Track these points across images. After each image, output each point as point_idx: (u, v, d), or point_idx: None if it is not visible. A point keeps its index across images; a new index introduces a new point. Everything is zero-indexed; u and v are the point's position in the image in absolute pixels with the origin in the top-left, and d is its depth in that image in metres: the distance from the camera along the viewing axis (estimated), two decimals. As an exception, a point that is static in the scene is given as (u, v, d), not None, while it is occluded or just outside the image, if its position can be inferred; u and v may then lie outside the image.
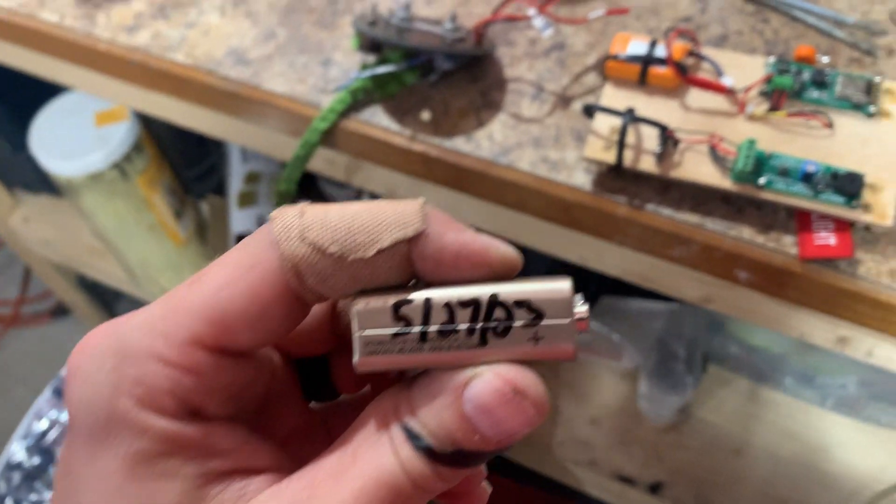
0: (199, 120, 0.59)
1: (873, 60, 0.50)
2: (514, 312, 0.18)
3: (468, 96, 0.51)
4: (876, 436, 0.88)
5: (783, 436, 0.91)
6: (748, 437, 0.90)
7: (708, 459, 0.89)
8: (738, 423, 0.91)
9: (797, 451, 0.90)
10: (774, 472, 0.89)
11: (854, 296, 0.43)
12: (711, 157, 0.44)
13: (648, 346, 0.80)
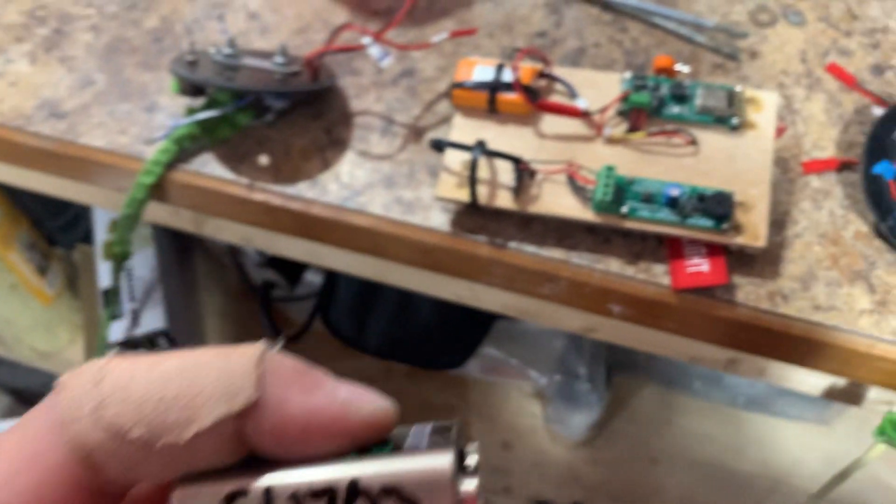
0: (21, 178, 0.52)
1: (737, 65, 0.47)
2: (378, 501, 0.15)
3: (311, 135, 0.46)
4: (788, 430, 0.88)
5: (697, 439, 0.89)
6: (663, 445, 0.89)
7: (625, 472, 0.87)
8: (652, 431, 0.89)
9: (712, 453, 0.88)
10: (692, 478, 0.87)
11: (734, 323, 0.40)
12: (571, 187, 0.40)
13: (550, 367, 0.77)
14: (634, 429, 0.89)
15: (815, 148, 0.44)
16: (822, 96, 0.46)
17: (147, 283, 0.81)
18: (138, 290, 0.80)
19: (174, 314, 0.81)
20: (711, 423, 0.89)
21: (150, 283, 0.81)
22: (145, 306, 0.79)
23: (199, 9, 0.52)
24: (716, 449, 0.88)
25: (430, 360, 0.73)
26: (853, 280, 0.40)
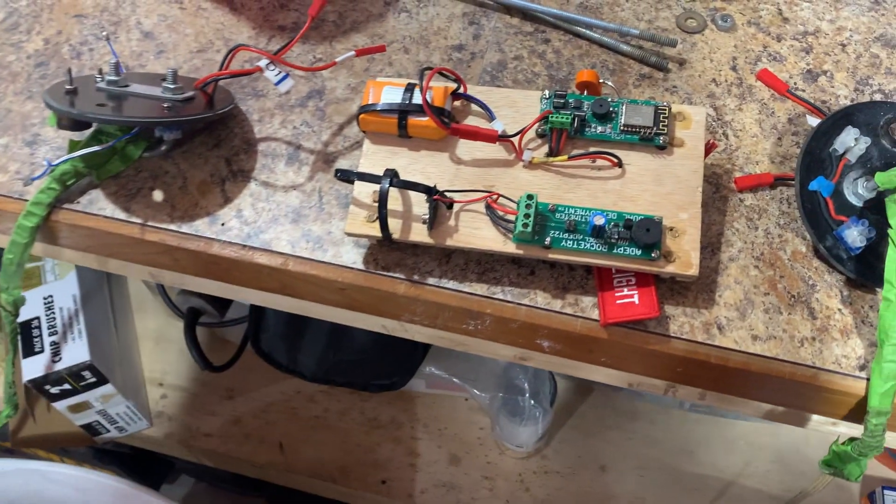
0: None
1: (665, 75, 0.44)
2: None
3: (210, 166, 0.42)
4: (737, 431, 0.86)
5: (646, 444, 0.87)
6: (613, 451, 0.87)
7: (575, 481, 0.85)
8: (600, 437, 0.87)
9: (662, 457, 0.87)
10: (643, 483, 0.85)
11: (669, 358, 0.37)
12: (490, 217, 0.37)
13: (493, 384, 0.74)
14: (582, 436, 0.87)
15: (748, 162, 0.41)
16: (755, 106, 0.43)
17: (68, 313, 0.77)
18: (59, 322, 0.75)
19: (99, 344, 0.76)
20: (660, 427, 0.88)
21: (72, 313, 0.77)
22: (67, 339, 0.75)
23: (87, 29, 0.47)
24: (665, 452, 0.87)
25: (370, 383, 0.70)
26: (793, 305, 0.37)
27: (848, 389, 0.36)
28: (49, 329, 0.75)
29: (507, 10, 0.47)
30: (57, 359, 0.73)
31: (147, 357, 0.90)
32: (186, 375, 0.89)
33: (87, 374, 0.74)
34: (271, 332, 0.68)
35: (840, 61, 0.45)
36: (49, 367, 0.73)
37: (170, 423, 0.87)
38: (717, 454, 0.87)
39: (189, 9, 0.48)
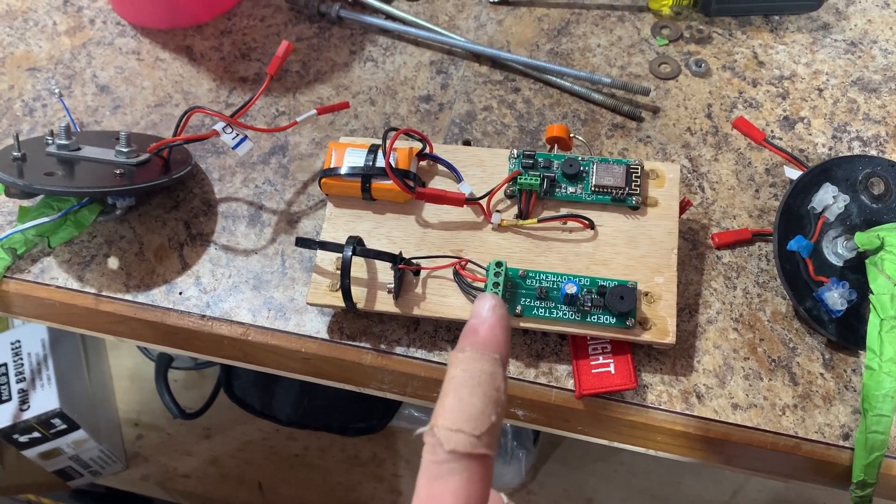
0: None
1: (637, 125, 0.43)
2: None
3: (167, 229, 0.41)
4: (724, 459, 0.85)
5: (633, 474, 0.86)
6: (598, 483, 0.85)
7: (561, 515, 0.84)
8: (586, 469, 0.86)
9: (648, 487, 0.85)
10: (629, 515, 0.84)
11: (648, 428, 0.36)
12: (458, 284, 0.36)
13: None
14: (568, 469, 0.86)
15: (725, 216, 0.40)
16: (731, 156, 0.42)
17: (37, 358, 0.74)
18: (27, 368, 0.73)
19: (70, 389, 0.74)
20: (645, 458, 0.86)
21: (41, 358, 0.74)
22: (35, 385, 0.73)
23: (41, 83, 0.45)
24: (652, 483, 0.86)
25: (348, 426, 0.68)
26: (773, 370, 0.36)
27: (832, 459, 0.34)
28: (17, 376, 0.73)
29: (476, 58, 0.45)
30: (25, 407, 0.71)
31: (122, 396, 0.88)
32: (162, 414, 0.87)
33: (58, 421, 0.72)
34: (243, 379, 0.67)
35: (817, 107, 0.43)
36: (17, 415, 0.71)
37: (146, 465, 0.84)
38: (705, 484, 0.86)
39: (147, 60, 0.46)
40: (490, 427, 0.22)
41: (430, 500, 0.22)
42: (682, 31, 0.46)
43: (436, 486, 0.22)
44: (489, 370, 0.23)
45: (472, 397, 0.23)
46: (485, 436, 0.22)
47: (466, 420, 0.22)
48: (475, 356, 0.23)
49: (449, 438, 0.22)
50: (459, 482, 0.22)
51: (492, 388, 0.23)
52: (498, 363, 0.23)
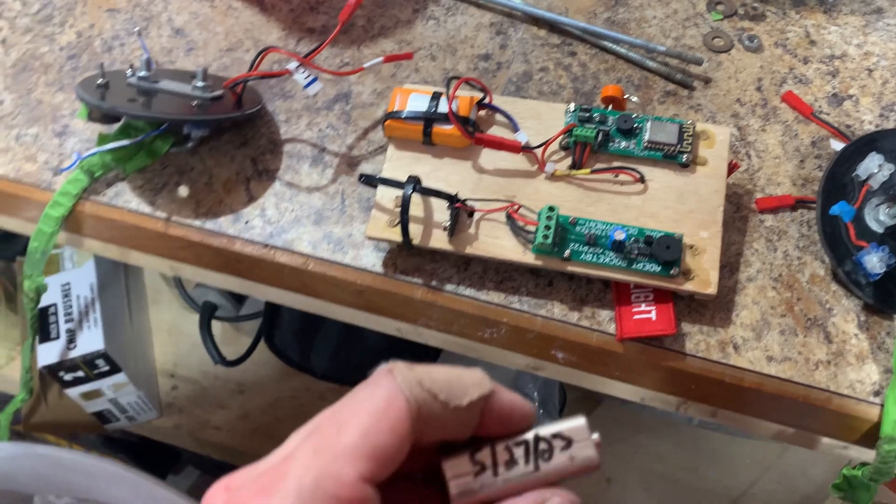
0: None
1: (689, 93, 0.45)
2: (552, 443, 0.24)
3: (236, 164, 0.43)
4: (744, 449, 0.86)
5: (653, 458, 0.87)
6: (618, 463, 0.87)
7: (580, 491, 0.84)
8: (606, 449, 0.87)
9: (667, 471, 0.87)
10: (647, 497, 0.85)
11: (684, 375, 0.37)
12: (510, 227, 0.37)
13: (502, 391, 0.74)
14: (591, 448, 0.87)
15: (769, 183, 0.42)
16: (779, 127, 0.43)
17: (85, 301, 0.77)
18: (75, 309, 0.76)
19: (114, 333, 0.77)
20: (667, 442, 0.87)
21: (89, 302, 0.77)
22: (83, 326, 0.75)
23: (119, 24, 0.48)
24: (671, 467, 0.87)
25: (378, 385, 0.70)
26: (809, 328, 0.37)
27: (861, 414, 0.36)
28: (66, 316, 0.76)
29: (535, 22, 0.47)
30: (72, 346, 0.74)
31: (160, 348, 0.91)
32: (198, 368, 0.90)
33: (101, 362, 0.75)
34: (285, 328, 0.69)
35: (866, 86, 0.45)
36: (64, 353, 0.74)
37: (179, 415, 0.87)
38: (723, 471, 0.87)
39: (220, 7, 0.48)
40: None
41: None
42: (737, 8, 0.47)
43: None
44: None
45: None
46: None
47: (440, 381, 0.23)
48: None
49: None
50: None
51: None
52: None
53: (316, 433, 0.23)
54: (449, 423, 0.24)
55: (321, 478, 0.22)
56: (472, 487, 0.24)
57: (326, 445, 0.22)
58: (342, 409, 0.23)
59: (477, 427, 0.25)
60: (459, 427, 0.24)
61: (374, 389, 0.23)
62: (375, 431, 0.22)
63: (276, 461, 0.23)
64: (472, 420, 0.24)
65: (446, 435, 0.24)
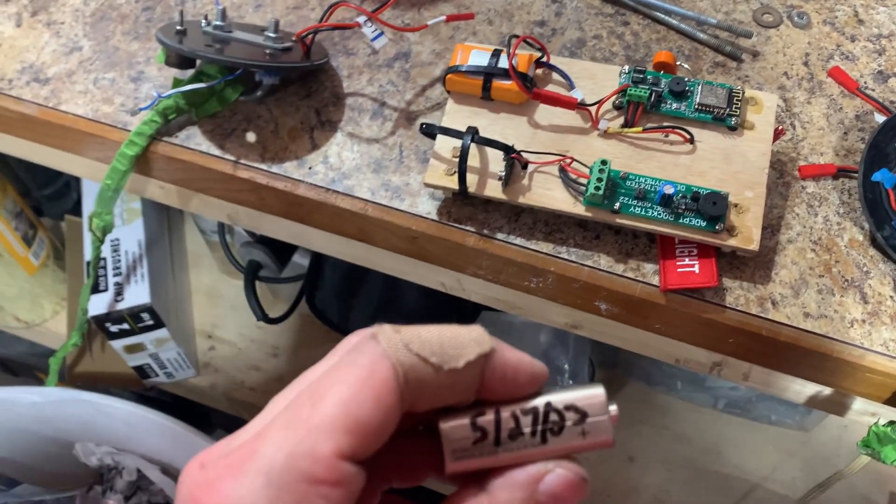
0: (4, 144, 0.51)
1: (738, 65, 0.46)
2: (564, 415, 0.22)
3: (300, 114, 0.45)
4: (766, 434, 0.87)
5: (675, 440, 0.89)
6: (641, 444, 0.88)
7: (603, 468, 0.87)
8: (631, 429, 0.89)
9: (689, 454, 0.88)
10: (668, 478, 0.87)
11: (723, 327, 0.39)
12: (563, 180, 0.39)
13: (533, 362, 0.76)
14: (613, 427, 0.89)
15: (812, 153, 0.43)
16: (824, 101, 0.45)
17: (133, 257, 0.80)
18: (124, 264, 0.79)
19: (159, 290, 0.80)
20: (690, 424, 0.89)
21: (136, 257, 0.80)
22: (130, 281, 0.78)
23: (192, -21, 0.50)
24: (694, 450, 0.88)
25: (414, 349, 0.72)
26: (845, 289, 0.39)
27: (894, 372, 0.37)
28: (114, 270, 0.79)
29: (590, -8, 0.49)
30: (119, 298, 0.77)
31: (199, 310, 0.93)
32: (235, 330, 0.92)
33: (146, 315, 0.78)
34: (326, 289, 0.71)
35: (911, 65, 0.46)
36: (112, 305, 0.77)
37: (215, 374, 0.90)
38: (745, 456, 0.88)
39: (288, -32, 0.51)
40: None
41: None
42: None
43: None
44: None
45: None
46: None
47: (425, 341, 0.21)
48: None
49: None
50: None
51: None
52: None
53: (290, 406, 0.21)
54: (445, 389, 0.22)
55: (294, 455, 0.20)
56: (471, 455, 0.22)
57: (300, 419, 0.20)
58: (320, 378, 0.21)
59: (479, 391, 0.22)
60: (458, 392, 0.22)
61: (355, 356, 0.21)
62: (356, 402, 0.20)
63: (248, 436, 0.21)
64: (472, 383, 0.22)
65: (443, 401, 0.22)
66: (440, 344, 0.21)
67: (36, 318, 0.90)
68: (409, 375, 0.21)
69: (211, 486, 0.20)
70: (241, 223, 0.50)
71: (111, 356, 0.86)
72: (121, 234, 0.82)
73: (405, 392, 0.21)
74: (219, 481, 0.20)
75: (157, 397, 1.00)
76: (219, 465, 0.20)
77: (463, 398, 0.22)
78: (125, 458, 0.76)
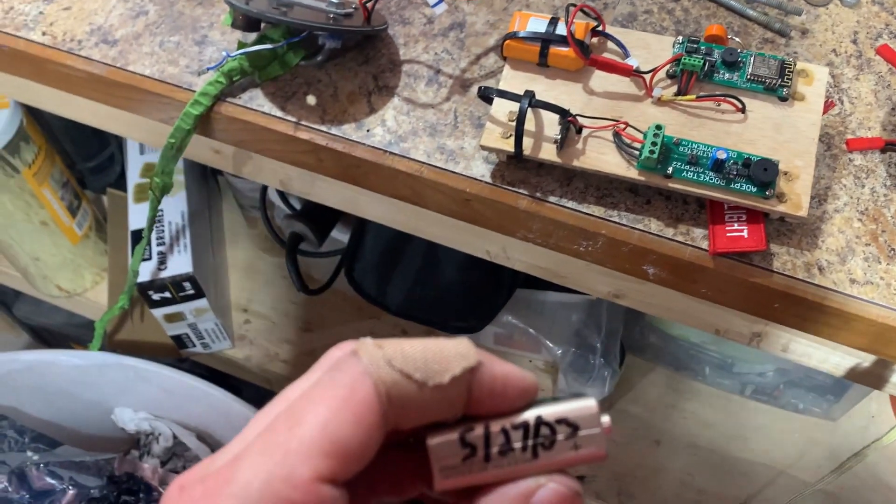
0: (67, 106, 0.53)
1: (787, 41, 0.47)
2: (556, 428, 0.22)
3: (359, 79, 0.46)
4: (793, 422, 0.88)
5: (702, 425, 0.89)
6: (668, 428, 0.89)
7: (629, 451, 0.88)
8: (658, 413, 0.90)
9: (716, 439, 0.89)
10: (694, 462, 0.87)
11: (769, 291, 0.40)
12: (616, 144, 0.40)
13: (566, 340, 0.78)
14: (641, 410, 0.90)
15: (860, 127, 0.44)
16: (872, 77, 0.46)
17: (176, 227, 0.82)
18: (167, 235, 0.81)
19: (200, 261, 0.82)
20: (717, 410, 0.90)
21: (179, 228, 0.82)
22: (173, 251, 0.80)
23: (253, -52, 0.52)
24: (720, 435, 0.89)
25: (449, 323, 0.74)
26: (891, 257, 0.40)
27: (937, 338, 0.38)
28: (158, 240, 0.81)
29: (642, -32, 0.50)
30: (163, 267, 0.79)
31: (235, 284, 0.95)
32: (270, 305, 0.94)
33: (188, 284, 0.79)
34: (366, 262, 0.73)
35: (958, 45, 0.47)
36: (155, 273, 0.79)
37: (250, 346, 0.92)
38: (771, 443, 0.88)
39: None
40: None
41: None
42: (836, -33, 0.50)
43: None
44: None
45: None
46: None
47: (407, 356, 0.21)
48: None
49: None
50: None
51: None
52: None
53: (268, 429, 0.20)
54: (430, 405, 0.21)
55: (270, 480, 0.19)
56: (461, 471, 0.22)
57: (277, 443, 0.20)
58: (298, 399, 0.21)
59: (467, 405, 0.22)
60: (444, 408, 0.22)
61: (335, 374, 0.21)
62: (336, 424, 0.20)
63: (226, 460, 0.20)
64: (459, 398, 0.22)
65: (429, 418, 0.22)
66: (424, 359, 0.21)
67: (77, 288, 0.93)
68: (392, 393, 0.20)
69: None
70: (292, 188, 0.52)
71: (150, 325, 0.88)
72: (165, 205, 0.84)
73: (388, 411, 0.20)
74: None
75: (189, 370, 1.02)
76: (197, 489, 0.20)
77: (450, 414, 0.22)
78: (162, 423, 0.77)
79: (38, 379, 0.78)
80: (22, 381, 0.78)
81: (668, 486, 0.85)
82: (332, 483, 0.20)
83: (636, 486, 0.85)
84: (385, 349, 0.21)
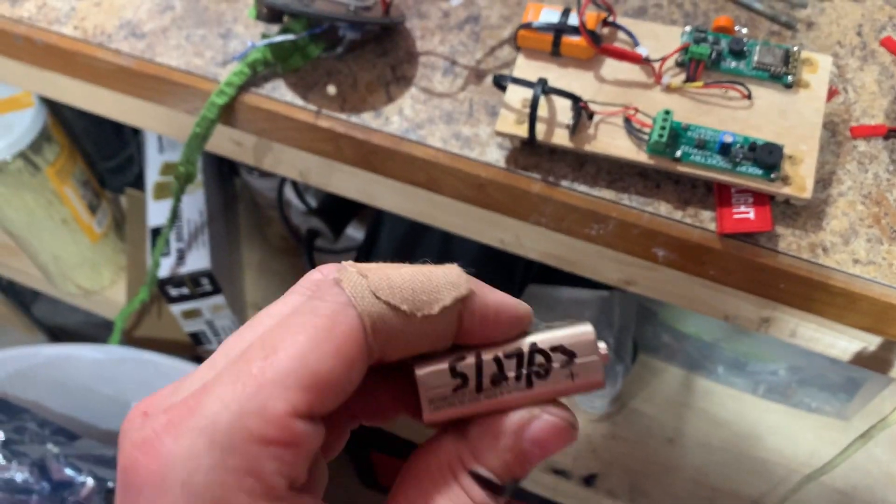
0: (92, 99, 0.55)
1: (793, 34, 0.48)
2: (551, 356, 0.21)
3: (377, 70, 0.48)
4: (806, 421, 0.88)
5: (715, 424, 0.90)
6: (681, 426, 0.90)
7: (641, 449, 0.88)
8: (671, 411, 0.90)
9: (729, 438, 0.89)
10: (706, 461, 0.88)
11: (775, 272, 0.41)
12: (627, 129, 0.42)
13: (578, 336, 0.78)
14: (654, 409, 0.90)
15: (864, 115, 0.45)
16: (876, 68, 0.47)
17: (194, 225, 0.84)
18: (185, 232, 0.83)
19: (218, 257, 0.83)
20: (730, 409, 0.90)
21: (197, 226, 0.84)
22: (191, 247, 0.82)
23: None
24: (732, 434, 0.89)
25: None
26: (893, 238, 0.41)
27: (940, 316, 0.39)
28: (177, 236, 0.83)
29: (652, -36, 0.51)
30: (181, 263, 0.81)
31: (250, 283, 0.97)
32: (284, 303, 0.96)
33: (205, 280, 0.81)
34: (381, 258, 0.74)
35: (961, 37, 0.48)
36: (174, 269, 0.80)
37: (267, 344, 0.93)
38: (784, 442, 0.89)
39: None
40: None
41: None
42: (841, -37, 0.51)
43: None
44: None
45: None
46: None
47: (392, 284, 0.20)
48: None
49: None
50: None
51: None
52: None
53: (241, 357, 0.19)
54: (418, 337, 0.20)
55: (242, 414, 0.18)
56: (450, 402, 0.21)
57: (250, 373, 0.18)
58: (275, 327, 0.19)
59: (457, 335, 0.21)
60: (433, 339, 0.20)
61: (315, 302, 0.19)
62: (315, 355, 0.18)
63: (194, 387, 0.19)
64: (449, 329, 0.20)
65: (417, 350, 0.21)
66: (412, 289, 0.19)
67: (95, 286, 0.94)
68: (378, 326, 0.19)
69: (149, 446, 0.18)
70: (311, 179, 0.54)
71: (167, 322, 0.90)
72: (184, 202, 0.85)
73: (373, 344, 0.19)
74: (157, 441, 0.18)
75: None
76: (160, 419, 0.18)
77: (439, 345, 0.21)
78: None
79: (58, 373, 0.80)
80: (43, 374, 0.79)
81: (681, 484, 0.86)
82: (308, 419, 0.18)
83: (649, 483, 0.86)
84: (370, 278, 0.19)
